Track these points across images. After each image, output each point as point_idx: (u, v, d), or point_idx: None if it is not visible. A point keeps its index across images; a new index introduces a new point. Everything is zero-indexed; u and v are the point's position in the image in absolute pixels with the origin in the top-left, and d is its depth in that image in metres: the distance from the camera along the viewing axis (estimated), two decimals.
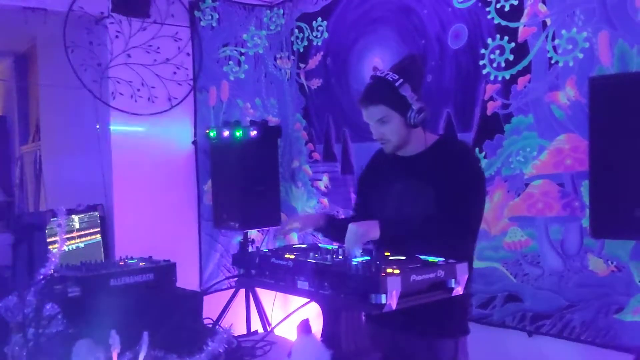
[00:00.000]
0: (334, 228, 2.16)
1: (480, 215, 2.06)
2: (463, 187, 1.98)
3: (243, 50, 4.30)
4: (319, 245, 2.02)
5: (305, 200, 4.20)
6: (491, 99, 2.99)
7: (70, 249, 3.29)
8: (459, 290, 1.67)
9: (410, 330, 1.99)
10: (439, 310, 1.79)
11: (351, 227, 1.90)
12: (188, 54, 4.06)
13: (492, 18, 2.97)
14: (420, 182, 2.04)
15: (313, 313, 1.86)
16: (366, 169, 2.38)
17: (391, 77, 2.02)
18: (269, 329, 3.68)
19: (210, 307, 2.19)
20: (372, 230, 1.88)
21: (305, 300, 1.86)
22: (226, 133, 3.90)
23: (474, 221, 2.03)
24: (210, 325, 2.21)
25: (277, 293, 4.02)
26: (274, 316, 4.10)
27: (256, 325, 3.90)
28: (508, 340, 2.96)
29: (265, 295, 4.03)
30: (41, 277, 2.10)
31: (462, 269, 1.67)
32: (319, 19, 4.01)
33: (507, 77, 2.93)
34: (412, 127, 2.06)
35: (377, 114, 2.06)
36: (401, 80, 2.01)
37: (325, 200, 4.05)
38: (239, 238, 4.21)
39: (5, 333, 2.00)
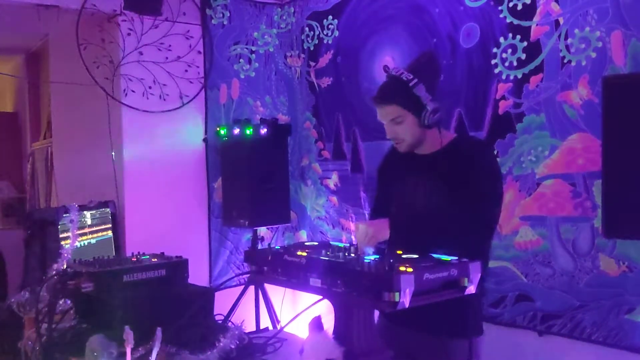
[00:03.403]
0: None
1: (497, 212, 2.05)
2: (480, 185, 1.97)
3: (254, 49, 4.31)
4: (331, 242, 2.03)
5: (315, 199, 4.21)
6: (503, 98, 2.98)
7: (82, 245, 3.31)
8: (471, 289, 1.67)
9: (423, 329, 1.99)
10: (451, 309, 1.79)
11: (361, 226, 1.90)
12: (199, 52, 4.07)
13: (505, 17, 2.96)
14: (436, 181, 2.03)
15: (324, 310, 1.86)
16: (383, 163, 2.37)
17: (406, 77, 2.01)
18: (278, 326, 3.69)
19: (219, 303, 2.19)
20: (382, 230, 1.89)
21: (316, 297, 1.86)
22: (236, 131, 3.91)
23: (492, 219, 2.03)
24: (221, 322, 2.22)
25: (286, 290, 4.04)
26: (283, 313, 4.11)
27: (265, 322, 3.91)
28: (518, 339, 2.96)
29: (275, 293, 4.04)
30: (54, 272, 2.12)
31: (475, 268, 1.67)
32: (330, 17, 4.01)
33: (519, 76, 2.92)
34: (427, 128, 2.05)
35: (391, 113, 2.05)
36: (416, 80, 1.99)
37: (334, 199, 4.05)
38: (248, 236, 4.23)
39: (18, 328, 2.01)
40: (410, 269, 1.55)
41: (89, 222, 3.48)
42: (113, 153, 3.89)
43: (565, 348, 2.80)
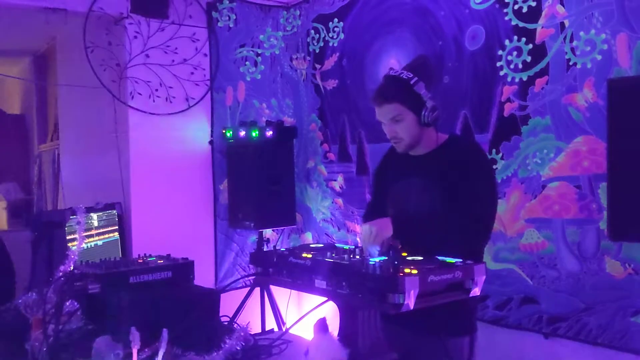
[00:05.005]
0: None
1: (493, 211, 2.07)
2: (475, 184, 1.99)
3: (259, 51, 4.33)
4: (336, 245, 2.04)
5: (320, 201, 4.21)
6: (508, 100, 2.99)
7: (89, 247, 3.33)
8: (476, 291, 1.68)
9: (427, 330, 2.00)
10: (454, 309, 1.80)
11: (365, 226, 1.91)
12: (205, 55, 4.09)
13: (510, 19, 2.97)
14: (432, 181, 2.05)
15: (329, 312, 1.87)
16: (380, 165, 2.39)
17: (406, 76, 2.04)
18: (284, 328, 3.70)
19: (225, 305, 2.20)
20: (386, 228, 1.90)
21: (321, 299, 1.87)
22: (242, 133, 3.93)
23: (487, 217, 2.04)
24: (227, 323, 2.23)
25: (292, 292, 4.05)
26: (288, 315, 4.12)
27: (270, 324, 3.92)
28: (524, 342, 2.96)
29: (280, 295, 4.05)
30: (61, 273, 2.13)
31: (479, 270, 1.68)
32: (335, 19, 4.02)
33: (525, 78, 2.92)
34: (425, 126, 2.07)
35: (391, 112, 2.07)
36: (416, 78, 2.02)
37: (340, 201, 4.06)
38: (254, 237, 4.24)
39: (25, 329, 2.02)
40: (415, 271, 1.56)
41: (95, 224, 3.50)
42: (119, 155, 3.91)
43: (570, 351, 2.80)
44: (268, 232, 4.21)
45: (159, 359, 1.67)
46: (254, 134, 3.88)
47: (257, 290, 3.96)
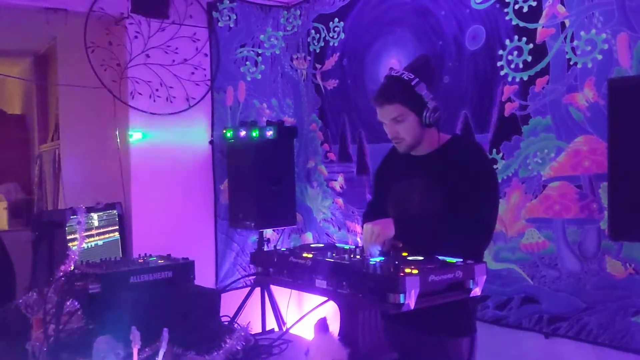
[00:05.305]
0: None
1: (494, 212, 2.07)
2: (476, 185, 1.99)
3: (260, 51, 4.33)
4: (336, 244, 2.04)
5: (321, 201, 4.22)
6: (509, 100, 2.99)
7: (89, 247, 3.33)
8: (477, 291, 1.68)
9: (427, 330, 2.00)
10: (455, 309, 1.81)
11: (367, 226, 1.91)
12: (206, 55, 4.09)
13: (510, 19, 2.97)
14: (433, 181, 2.05)
15: (330, 312, 1.87)
16: (381, 165, 2.40)
17: (407, 77, 2.04)
18: (284, 328, 3.70)
19: (225, 305, 2.20)
20: (387, 228, 1.90)
21: (322, 299, 1.87)
22: (243, 133, 3.93)
23: (488, 218, 2.04)
24: (228, 323, 2.23)
25: (292, 292, 4.05)
26: (288, 315, 4.12)
27: (271, 324, 3.92)
28: (524, 342, 2.96)
29: (280, 294, 4.05)
30: (62, 273, 2.13)
31: (480, 270, 1.68)
32: (336, 19, 4.02)
33: (525, 78, 2.92)
34: (427, 127, 2.07)
35: (393, 112, 2.07)
36: (417, 79, 2.02)
37: (340, 201, 4.06)
38: (254, 237, 4.24)
39: (26, 329, 2.03)
40: (415, 271, 1.56)
41: (96, 223, 3.50)
42: (120, 155, 3.91)
43: (571, 350, 2.80)
44: (268, 232, 4.21)
45: (160, 359, 1.68)
46: (254, 134, 3.88)
47: (258, 290, 3.96)
